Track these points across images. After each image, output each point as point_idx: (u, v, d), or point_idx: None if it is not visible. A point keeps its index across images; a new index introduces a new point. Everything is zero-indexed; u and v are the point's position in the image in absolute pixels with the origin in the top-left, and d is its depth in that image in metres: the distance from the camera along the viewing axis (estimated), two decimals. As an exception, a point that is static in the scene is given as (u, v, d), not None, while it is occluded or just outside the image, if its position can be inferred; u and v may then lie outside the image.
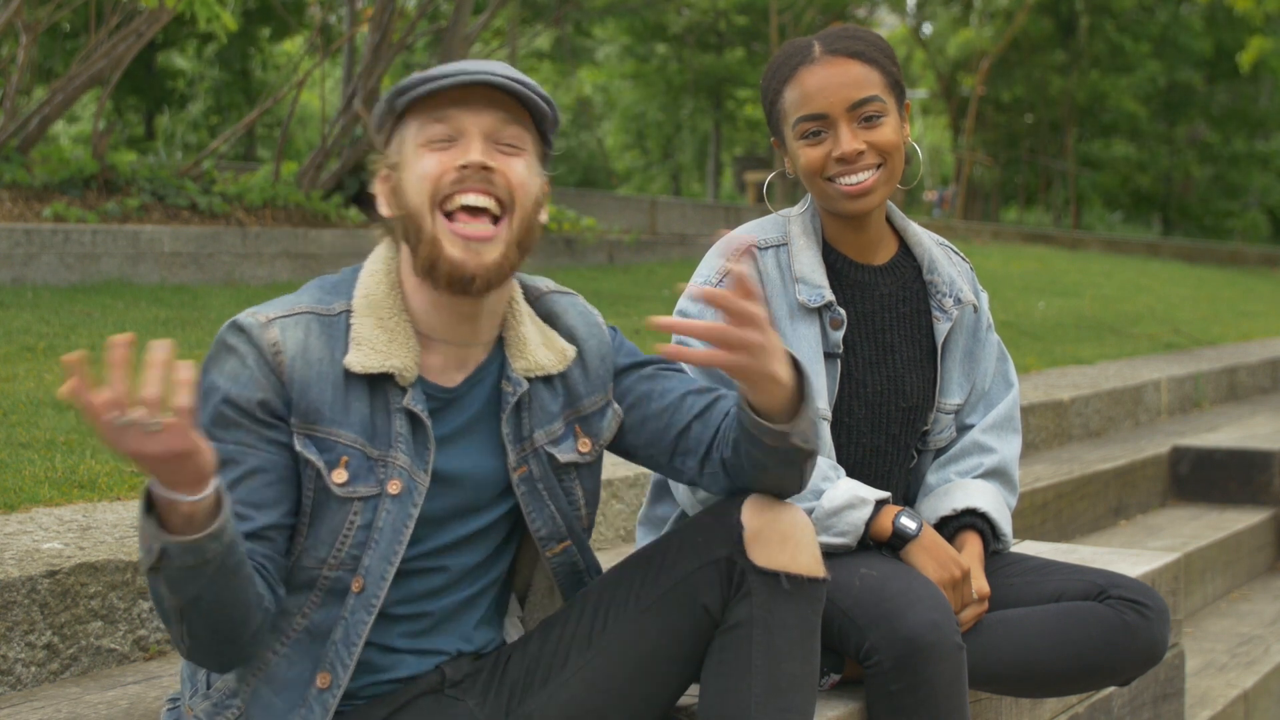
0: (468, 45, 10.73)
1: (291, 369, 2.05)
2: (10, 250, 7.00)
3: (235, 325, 2.07)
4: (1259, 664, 4.46)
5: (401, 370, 2.09)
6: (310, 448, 2.05)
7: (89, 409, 1.73)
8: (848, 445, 2.68)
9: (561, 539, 2.24)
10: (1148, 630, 2.60)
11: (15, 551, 2.73)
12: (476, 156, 2.06)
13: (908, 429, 2.73)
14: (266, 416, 2.04)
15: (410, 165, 2.09)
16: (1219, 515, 5.57)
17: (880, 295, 2.68)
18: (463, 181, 2.06)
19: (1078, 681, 2.63)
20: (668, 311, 2.30)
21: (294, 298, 2.13)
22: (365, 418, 2.08)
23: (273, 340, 2.05)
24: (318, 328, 2.09)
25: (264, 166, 10.14)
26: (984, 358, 2.79)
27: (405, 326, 2.12)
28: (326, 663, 2.07)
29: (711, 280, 2.59)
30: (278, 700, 2.07)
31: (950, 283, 2.73)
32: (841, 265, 2.67)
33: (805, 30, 23.36)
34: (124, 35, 8.40)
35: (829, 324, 2.62)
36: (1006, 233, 20.98)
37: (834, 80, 2.55)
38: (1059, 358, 7.67)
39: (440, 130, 2.08)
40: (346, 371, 2.08)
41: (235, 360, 2.05)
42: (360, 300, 2.12)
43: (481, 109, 2.08)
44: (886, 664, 2.36)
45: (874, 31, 2.68)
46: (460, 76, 2.05)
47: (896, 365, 2.69)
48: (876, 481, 2.71)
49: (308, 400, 2.06)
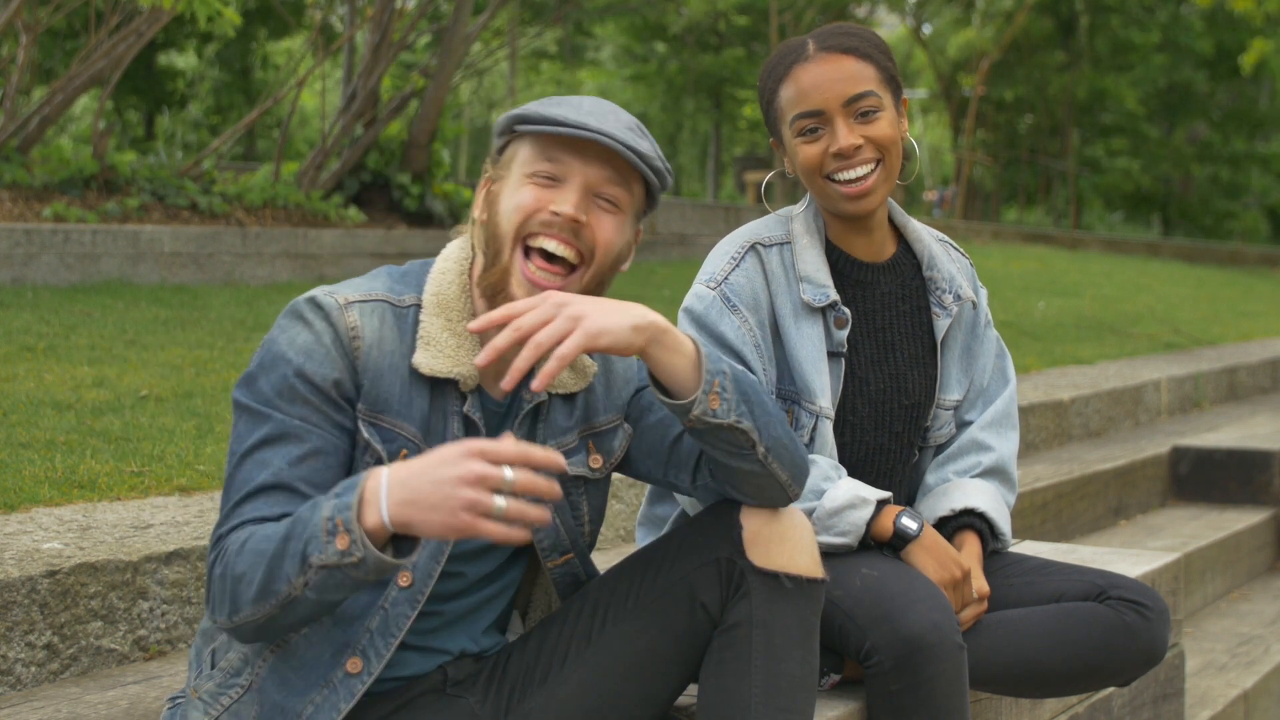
0: (468, 45, 10.73)
1: (367, 356, 2.06)
2: (10, 250, 6.99)
3: (313, 301, 2.06)
4: (1259, 664, 4.45)
5: (466, 377, 2.10)
6: (375, 435, 2.06)
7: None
8: (851, 444, 2.68)
9: (564, 551, 2.25)
10: (1148, 631, 2.60)
11: (15, 551, 2.73)
12: (569, 210, 2.07)
13: (909, 426, 2.73)
14: (338, 397, 2.04)
15: (510, 188, 2.10)
16: (1219, 515, 5.57)
17: (882, 293, 2.69)
18: (550, 226, 2.08)
19: (1078, 682, 2.63)
20: (669, 310, 2.32)
21: (367, 282, 2.13)
22: (425, 415, 2.10)
23: (351, 324, 2.06)
24: (391, 319, 2.10)
25: (264, 166, 10.14)
26: (982, 354, 2.80)
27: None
28: (358, 649, 2.07)
29: (718, 276, 2.60)
30: (296, 678, 2.06)
31: (950, 279, 2.73)
32: (844, 264, 2.67)
33: (805, 30, 23.36)
34: (124, 35, 8.40)
35: (833, 323, 2.62)
36: (1006, 233, 20.98)
37: (829, 76, 2.55)
38: (1059, 358, 7.67)
39: (547, 168, 2.09)
40: (413, 369, 2.09)
41: (311, 336, 2.04)
42: (430, 298, 2.13)
43: (592, 160, 2.09)
44: (887, 664, 2.36)
45: (869, 28, 2.68)
46: (579, 131, 2.06)
47: (898, 363, 2.69)
48: (880, 480, 2.71)
49: (379, 389, 2.06)
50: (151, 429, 3.99)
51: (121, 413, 4.17)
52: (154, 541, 2.88)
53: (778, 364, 2.61)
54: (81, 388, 4.48)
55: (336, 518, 1.82)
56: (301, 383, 2.02)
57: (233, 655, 2.10)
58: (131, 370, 4.84)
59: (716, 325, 2.56)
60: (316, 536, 1.84)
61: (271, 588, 1.89)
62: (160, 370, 4.90)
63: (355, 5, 11.34)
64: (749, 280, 2.59)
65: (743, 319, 2.56)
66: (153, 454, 3.68)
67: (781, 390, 2.61)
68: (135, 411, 4.20)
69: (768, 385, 2.59)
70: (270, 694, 2.07)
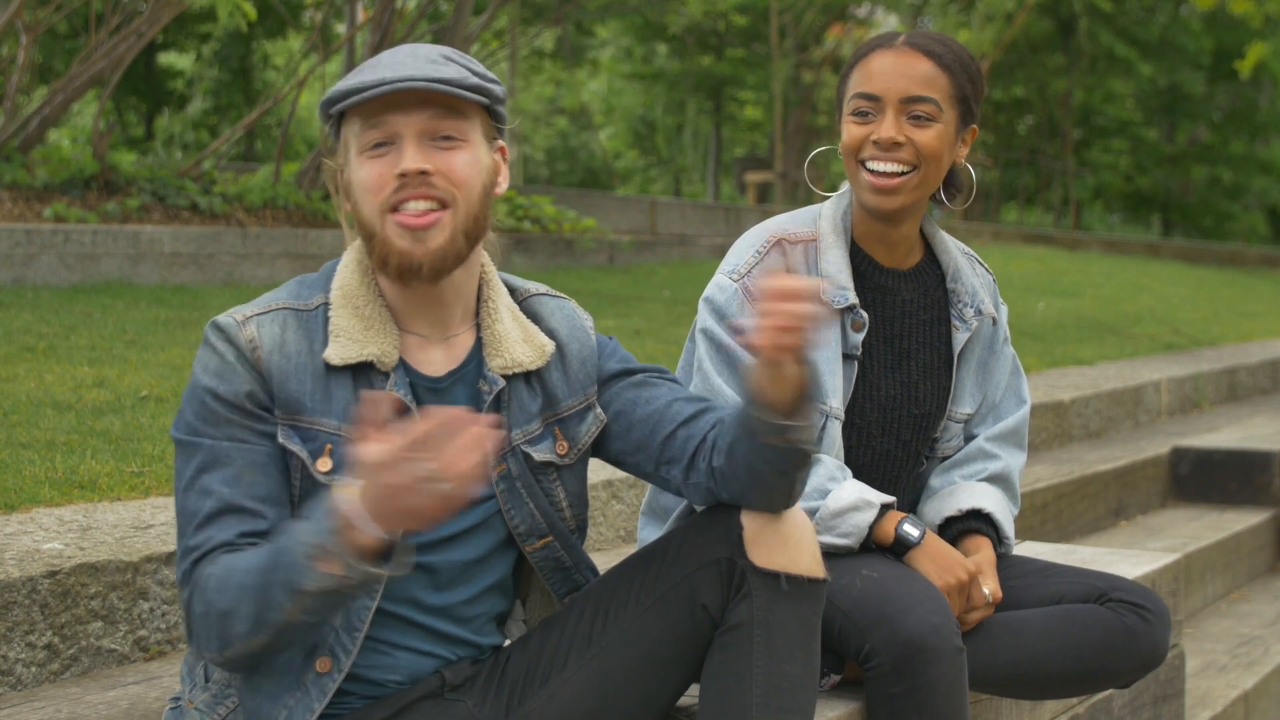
0: (468, 45, 10.72)
1: (269, 363, 2.08)
2: (10, 250, 6.99)
3: (214, 325, 2.10)
4: (1259, 664, 4.46)
5: (380, 356, 2.11)
6: (294, 438, 2.07)
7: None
8: (858, 448, 2.68)
9: (542, 535, 2.24)
10: (1148, 633, 2.60)
11: (15, 552, 2.73)
12: (411, 165, 2.06)
13: (918, 435, 2.72)
14: (254, 408, 2.06)
15: (354, 172, 2.11)
16: (1219, 516, 5.57)
17: (902, 300, 2.68)
18: (404, 189, 2.07)
19: (1078, 684, 2.63)
20: (668, 310, 2.32)
21: (271, 295, 2.16)
22: (349, 405, 2.10)
23: (249, 337, 2.08)
24: (294, 323, 2.12)
25: (264, 167, 10.13)
26: (998, 369, 2.79)
27: (382, 313, 2.14)
28: (326, 648, 2.08)
29: (741, 269, 2.60)
30: (268, 684, 2.08)
31: (972, 293, 2.73)
32: (867, 267, 2.67)
33: (805, 31, 23.35)
34: (124, 35, 8.40)
35: (850, 326, 2.62)
36: (1006, 233, 20.97)
37: (899, 69, 2.56)
38: (1059, 358, 7.67)
39: (376, 135, 2.08)
40: (327, 364, 2.10)
41: (217, 358, 2.08)
42: (336, 293, 2.15)
43: (413, 109, 2.07)
44: (886, 666, 2.36)
45: (967, 49, 2.67)
46: (382, 87, 2.04)
47: (912, 371, 2.69)
48: (884, 486, 2.71)
49: (288, 392, 2.08)
50: (152, 429, 3.99)
51: (122, 413, 4.17)
52: (154, 542, 2.88)
53: None
54: (82, 388, 4.48)
55: (320, 544, 1.85)
56: (218, 403, 2.05)
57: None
58: (132, 370, 4.84)
59: (736, 318, 2.56)
60: (302, 567, 1.86)
61: (265, 618, 1.92)
62: (160, 371, 4.90)
63: (355, 5, 11.34)
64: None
65: None
66: (153, 454, 3.68)
67: None
68: (135, 412, 4.20)
69: None
70: (248, 703, 2.09)
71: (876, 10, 29.48)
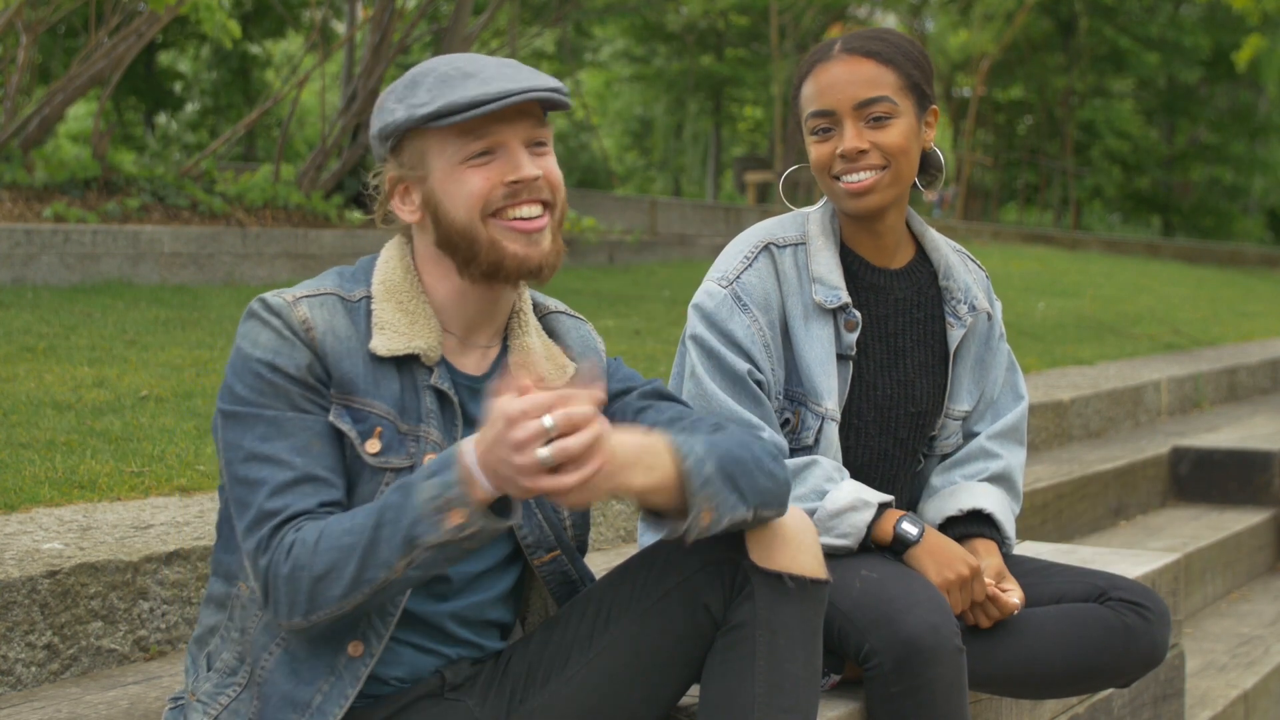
0: (467, 46, 10.72)
1: (324, 342, 2.08)
2: (10, 250, 7.00)
3: (264, 303, 2.10)
4: (1259, 664, 4.46)
5: (426, 350, 2.13)
6: (345, 418, 2.08)
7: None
8: (855, 447, 2.68)
9: (550, 548, 2.25)
10: (1148, 632, 2.60)
11: (15, 552, 2.73)
12: (529, 172, 2.09)
13: (915, 433, 2.72)
14: (314, 381, 2.07)
15: (446, 182, 2.10)
16: (1219, 516, 5.57)
17: (895, 299, 2.68)
18: (515, 196, 2.10)
19: (1078, 683, 2.63)
20: (668, 310, 2.33)
21: (316, 282, 2.17)
22: (396, 394, 2.12)
23: (302, 317, 2.09)
24: (341, 309, 2.13)
25: (264, 167, 10.13)
26: (994, 365, 2.79)
27: (425, 309, 2.16)
28: (359, 632, 2.08)
29: (730, 275, 2.59)
30: (304, 669, 2.07)
31: (965, 289, 2.73)
32: (858, 267, 2.67)
33: (805, 31, 23.36)
34: (124, 35, 8.40)
35: (844, 326, 2.61)
36: (1006, 233, 20.98)
37: (844, 78, 2.56)
38: (1059, 358, 7.67)
39: (480, 145, 2.09)
40: (373, 355, 2.11)
41: (270, 332, 2.07)
42: (379, 286, 2.16)
43: (516, 119, 2.10)
44: (886, 666, 2.36)
45: (905, 35, 2.67)
46: (510, 100, 2.05)
47: (907, 370, 2.69)
48: (882, 485, 2.71)
49: (342, 371, 2.09)
50: (152, 429, 3.99)
51: (122, 413, 4.17)
52: (154, 542, 2.88)
53: (786, 365, 2.61)
54: (82, 388, 4.48)
55: (444, 495, 1.90)
56: (276, 375, 2.05)
57: (228, 655, 2.11)
58: (132, 370, 4.84)
59: (726, 323, 2.56)
60: (424, 518, 1.91)
61: (365, 576, 1.94)
62: (160, 370, 4.90)
63: (355, 6, 11.35)
64: (761, 280, 2.59)
65: (753, 318, 2.57)
66: (153, 454, 3.68)
67: (789, 391, 2.61)
68: (135, 412, 4.20)
69: (776, 386, 2.59)
70: (279, 685, 2.07)
71: (876, 10, 29.48)
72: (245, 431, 2.04)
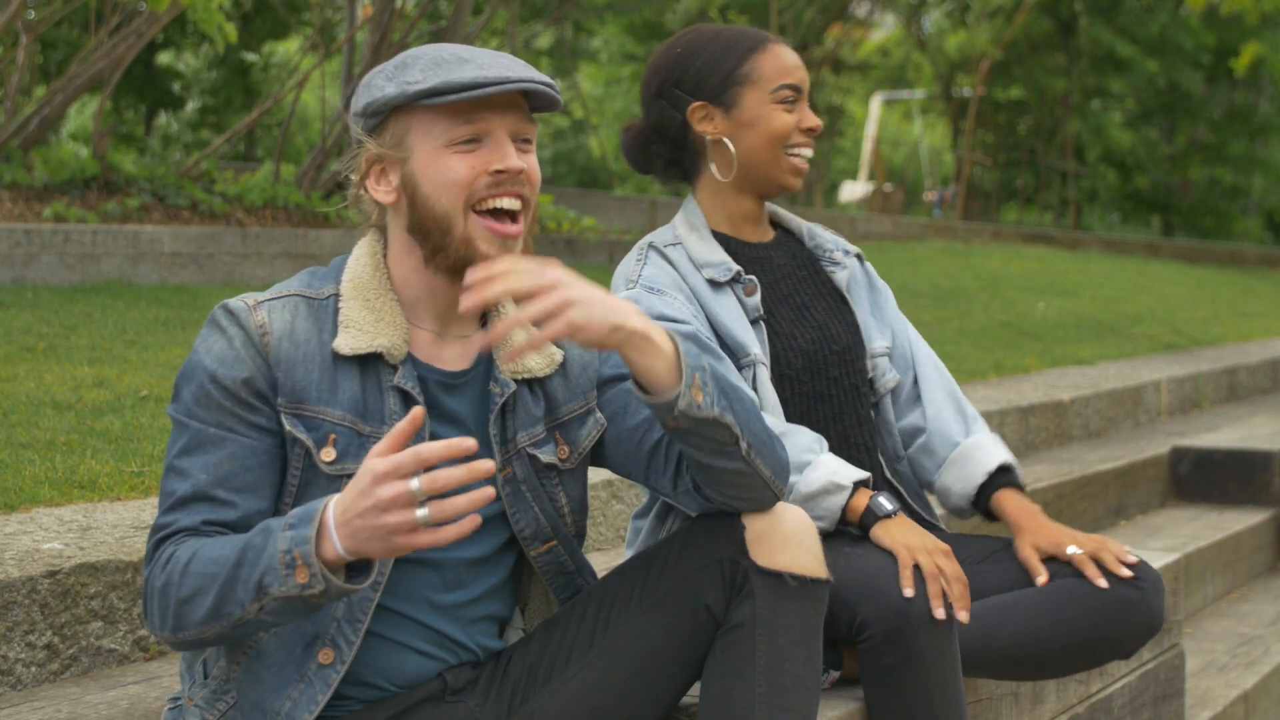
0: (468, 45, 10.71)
1: (278, 349, 2.08)
2: (10, 250, 6.99)
3: (224, 308, 2.11)
4: (1259, 664, 4.46)
5: (389, 349, 2.11)
6: (299, 426, 2.07)
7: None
8: (792, 397, 2.73)
9: (547, 539, 2.24)
10: (1143, 601, 2.63)
11: (15, 552, 2.73)
12: (515, 162, 2.09)
13: (846, 370, 2.79)
14: (250, 397, 2.06)
15: (431, 165, 2.09)
16: (1219, 515, 5.57)
17: (778, 265, 2.81)
18: (498, 186, 2.09)
19: (1078, 657, 2.65)
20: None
21: (284, 284, 2.17)
22: (356, 396, 2.10)
23: (260, 322, 2.08)
24: (305, 310, 2.12)
25: (264, 167, 10.14)
26: (886, 306, 2.91)
27: (392, 306, 2.14)
28: (328, 639, 2.08)
29: (633, 276, 2.69)
30: (270, 675, 2.07)
31: (831, 241, 2.90)
32: (735, 246, 2.79)
33: (805, 31, 23.34)
34: (124, 35, 8.40)
35: (743, 292, 2.71)
36: (1006, 233, 20.97)
37: (797, 61, 2.75)
38: (1059, 358, 7.67)
39: (467, 131, 2.09)
40: (335, 354, 2.10)
41: (223, 341, 2.08)
42: (348, 284, 2.15)
43: (506, 109, 2.10)
44: (879, 637, 2.39)
45: None
46: (505, 86, 2.05)
47: (817, 315, 2.79)
48: (828, 424, 2.75)
49: (293, 380, 2.08)
50: (152, 429, 3.99)
51: (122, 413, 4.17)
52: (154, 542, 2.88)
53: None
54: (82, 388, 4.48)
55: (294, 551, 1.87)
56: (215, 388, 2.06)
57: (224, 663, 2.11)
58: (132, 370, 4.84)
59: (652, 309, 2.62)
60: (274, 568, 1.88)
61: (223, 610, 1.93)
62: (160, 370, 4.90)
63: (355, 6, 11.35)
64: (660, 271, 2.70)
65: (672, 297, 2.66)
66: (153, 454, 3.68)
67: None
68: (135, 412, 4.20)
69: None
70: (248, 693, 2.08)
71: (875, 10, 29.46)
72: (175, 440, 2.07)
